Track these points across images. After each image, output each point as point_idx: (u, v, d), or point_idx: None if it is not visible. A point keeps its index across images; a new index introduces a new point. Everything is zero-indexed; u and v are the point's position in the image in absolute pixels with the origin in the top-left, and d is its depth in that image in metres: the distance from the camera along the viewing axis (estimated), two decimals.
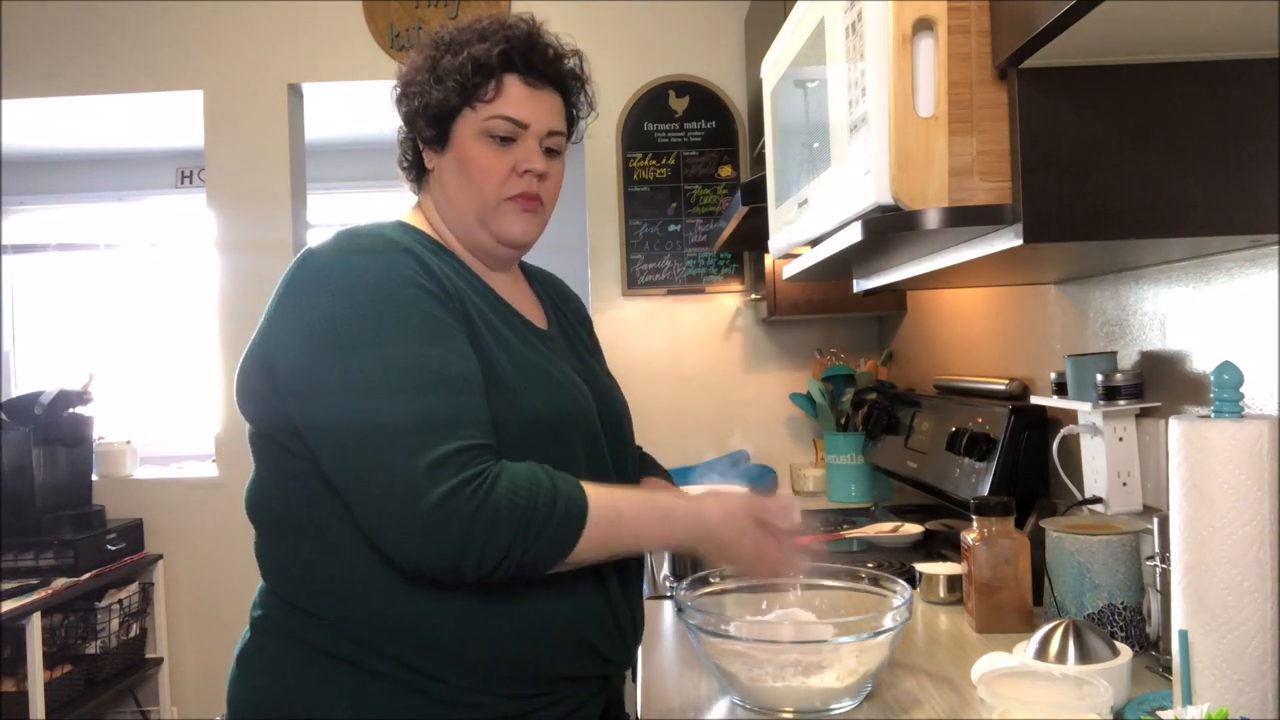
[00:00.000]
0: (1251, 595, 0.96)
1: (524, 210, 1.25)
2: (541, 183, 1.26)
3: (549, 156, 1.27)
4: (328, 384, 1.07)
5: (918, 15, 0.98)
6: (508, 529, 1.03)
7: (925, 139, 0.99)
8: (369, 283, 1.10)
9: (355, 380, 1.06)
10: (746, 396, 3.29)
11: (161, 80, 3.42)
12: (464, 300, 1.17)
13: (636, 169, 3.35)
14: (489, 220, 1.25)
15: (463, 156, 1.24)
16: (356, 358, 1.06)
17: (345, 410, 1.06)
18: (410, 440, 1.03)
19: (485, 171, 1.23)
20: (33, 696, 2.80)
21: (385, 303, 1.09)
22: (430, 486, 1.01)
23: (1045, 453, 1.78)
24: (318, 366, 1.08)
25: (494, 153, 1.23)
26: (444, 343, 1.10)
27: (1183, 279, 1.39)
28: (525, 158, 1.23)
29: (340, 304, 1.08)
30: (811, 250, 1.41)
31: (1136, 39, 0.91)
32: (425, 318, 1.10)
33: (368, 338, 1.07)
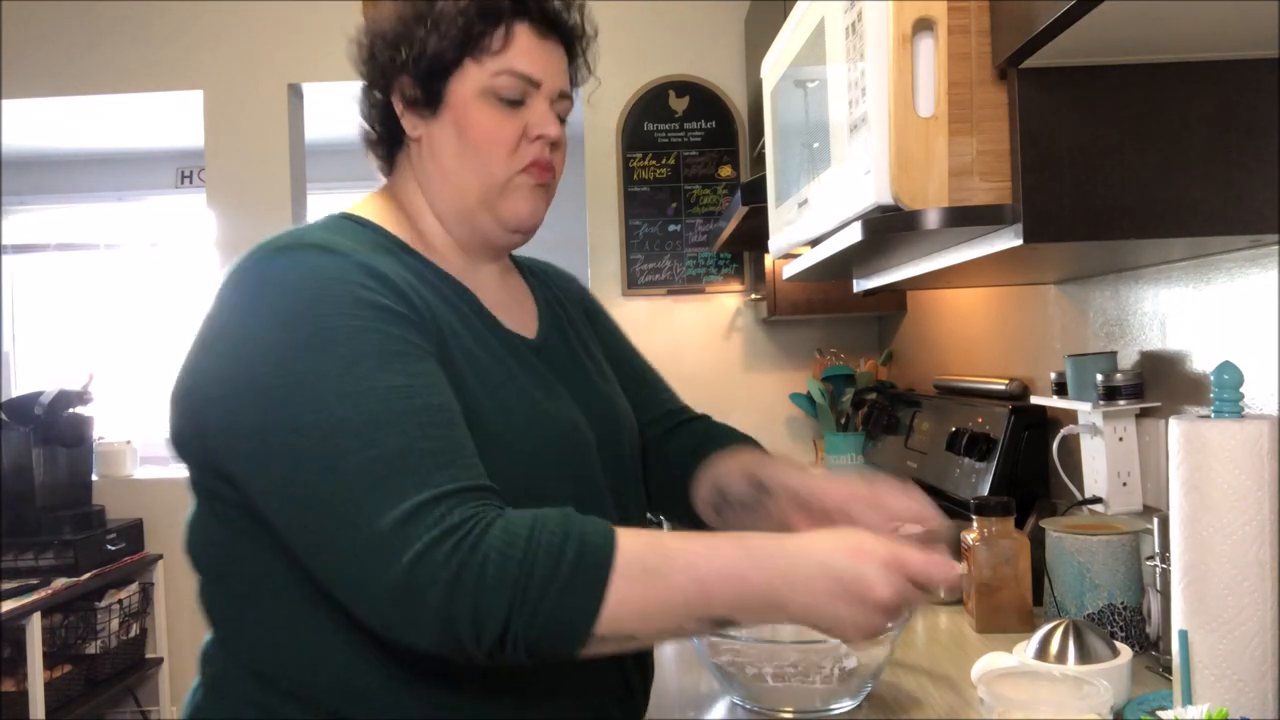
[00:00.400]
0: (1251, 595, 0.96)
1: (537, 184, 1.05)
2: (554, 152, 1.07)
3: None
4: (265, 427, 0.85)
5: (918, 15, 0.98)
6: (500, 591, 0.78)
7: (925, 139, 0.99)
8: (312, 302, 0.87)
9: (299, 420, 0.83)
10: (746, 396, 3.29)
11: (161, 80, 3.42)
12: (437, 319, 0.95)
13: (636, 169, 3.35)
14: (495, 200, 1.04)
15: (463, 121, 1.02)
16: (301, 392, 0.84)
17: (289, 458, 0.83)
18: (370, 491, 0.81)
19: (493, 139, 1.02)
20: (33, 696, 2.80)
21: (334, 324, 0.86)
22: (400, 547, 0.79)
23: (1045, 453, 1.78)
24: (253, 405, 0.85)
25: (501, 116, 1.03)
26: (411, 368, 0.87)
27: (1183, 279, 1.39)
28: (538, 121, 1.04)
29: (278, 329, 0.86)
30: (811, 250, 1.41)
31: (1136, 39, 0.91)
32: (386, 339, 0.87)
33: (313, 366, 0.84)
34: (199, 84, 3.40)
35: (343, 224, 1.01)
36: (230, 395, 0.87)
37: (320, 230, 0.97)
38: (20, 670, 2.86)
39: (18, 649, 2.85)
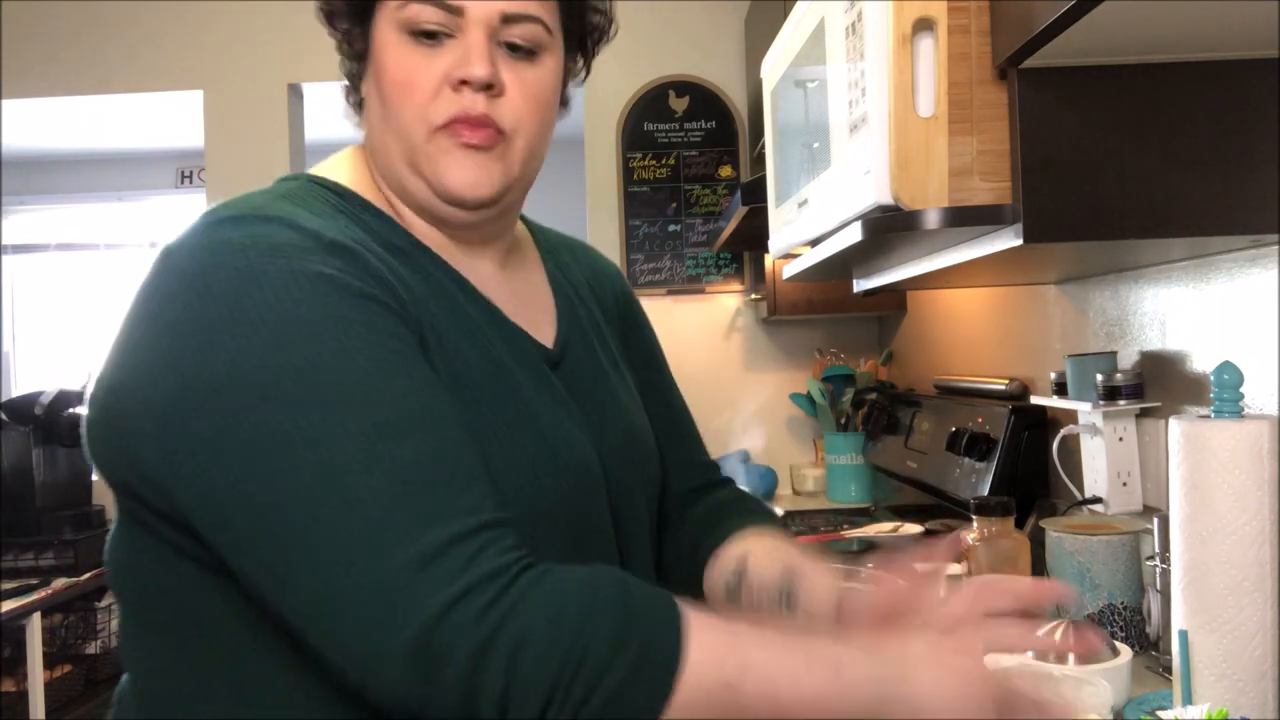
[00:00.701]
0: (1251, 595, 0.96)
1: (463, 146, 0.80)
2: (496, 100, 0.80)
3: (514, 56, 0.82)
4: (221, 440, 0.65)
5: (918, 15, 0.98)
6: (540, 676, 0.61)
7: (925, 139, 0.99)
8: (276, 287, 0.67)
9: (274, 431, 0.64)
10: (746, 396, 3.29)
11: (161, 80, 3.42)
12: (420, 313, 0.76)
13: (636, 169, 3.35)
14: (420, 162, 0.81)
15: (378, 66, 0.82)
16: (273, 396, 0.65)
17: (259, 482, 0.64)
18: (378, 522, 0.63)
19: (403, 86, 0.80)
20: (33, 696, 2.80)
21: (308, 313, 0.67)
22: (420, 597, 0.61)
23: (1045, 453, 1.78)
24: (203, 412, 0.66)
25: (417, 56, 0.80)
26: (410, 369, 0.70)
27: (1183, 279, 1.39)
28: (460, 60, 0.79)
29: (229, 317, 0.67)
30: (811, 250, 1.41)
31: (1136, 39, 0.91)
32: (373, 333, 0.69)
33: (286, 363, 0.66)
34: (199, 84, 3.40)
35: (308, 190, 0.81)
36: (171, 399, 0.66)
37: (279, 199, 0.77)
38: (20, 670, 2.86)
39: (18, 649, 2.85)
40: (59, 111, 3.87)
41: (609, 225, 3.35)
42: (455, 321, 0.80)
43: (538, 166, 0.88)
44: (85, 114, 4.01)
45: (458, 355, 0.78)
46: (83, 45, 3.41)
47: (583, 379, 0.90)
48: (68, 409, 3.26)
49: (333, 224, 0.75)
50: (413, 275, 0.79)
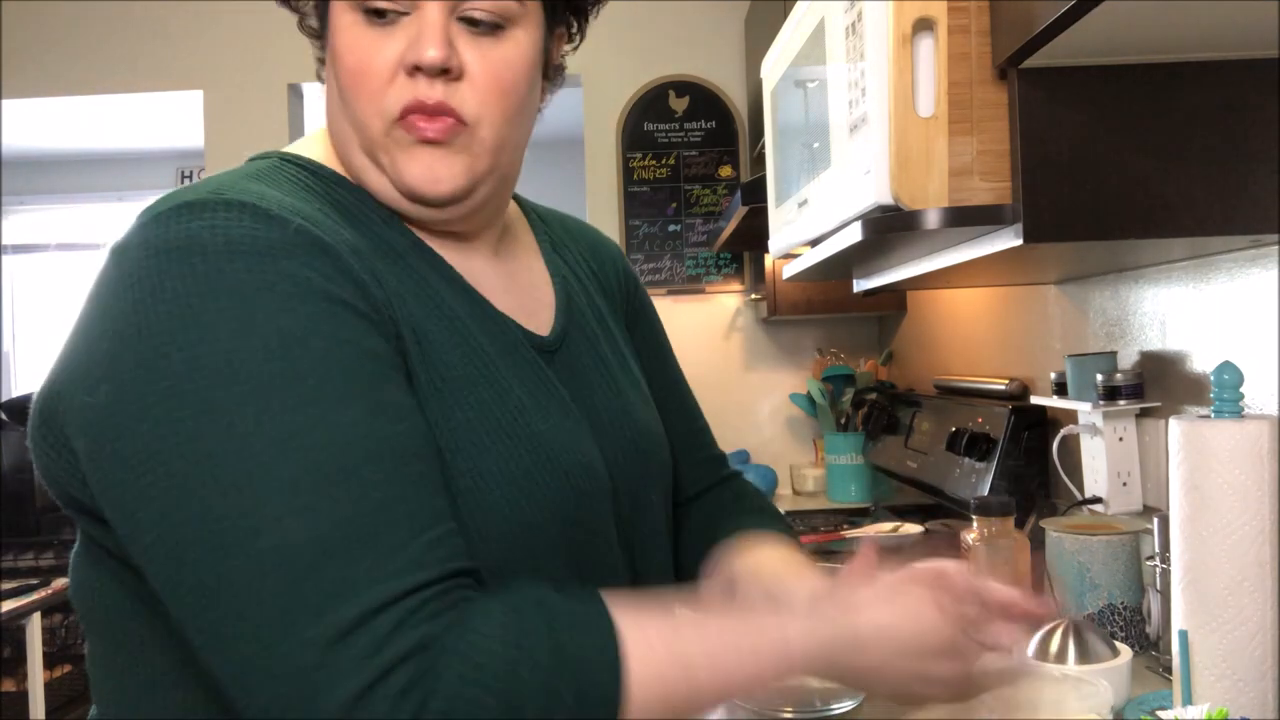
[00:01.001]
0: (1251, 595, 0.96)
1: (418, 141, 0.72)
2: (455, 85, 0.72)
3: (477, 32, 0.72)
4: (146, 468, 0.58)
5: (918, 15, 0.98)
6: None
7: (925, 139, 0.99)
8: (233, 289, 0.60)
9: (200, 466, 0.57)
10: (746, 396, 3.29)
11: (161, 80, 3.43)
12: (397, 311, 0.69)
13: (636, 169, 3.35)
14: (380, 157, 0.74)
15: (334, 53, 0.74)
16: (204, 426, 0.58)
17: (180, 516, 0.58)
18: (292, 588, 0.56)
19: (357, 72, 0.72)
20: (33, 696, 2.80)
21: (262, 324, 0.60)
22: (335, 681, 0.55)
23: (1045, 453, 1.78)
24: (133, 433, 0.59)
25: (371, 38, 0.71)
26: (369, 393, 0.62)
27: (1183, 279, 1.39)
28: (413, 42, 0.70)
29: (179, 324, 0.59)
30: (811, 250, 1.41)
31: (1136, 39, 0.91)
32: (335, 349, 0.61)
33: (225, 384, 0.58)
34: (199, 84, 3.40)
35: (279, 169, 0.74)
36: (105, 412, 0.60)
37: (247, 179, 0.69)
38: (20, 670, 2.86)
39: (18, 649, 2.85)
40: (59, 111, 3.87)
41: (609, 225, 3.35)
42: (436, 318, 0.72)
43: (515, 156, 0.79)
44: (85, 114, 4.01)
45: (439, 357, 0.70)
46: (83, 45, 3.41)
47: (583, 369, 0.83)
48: None
49: (303, 207, 0.67)
50: (391, 266, 0.71)
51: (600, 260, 0.96)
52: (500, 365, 0.74)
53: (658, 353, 1.00)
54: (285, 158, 0.76)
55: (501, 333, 0.77)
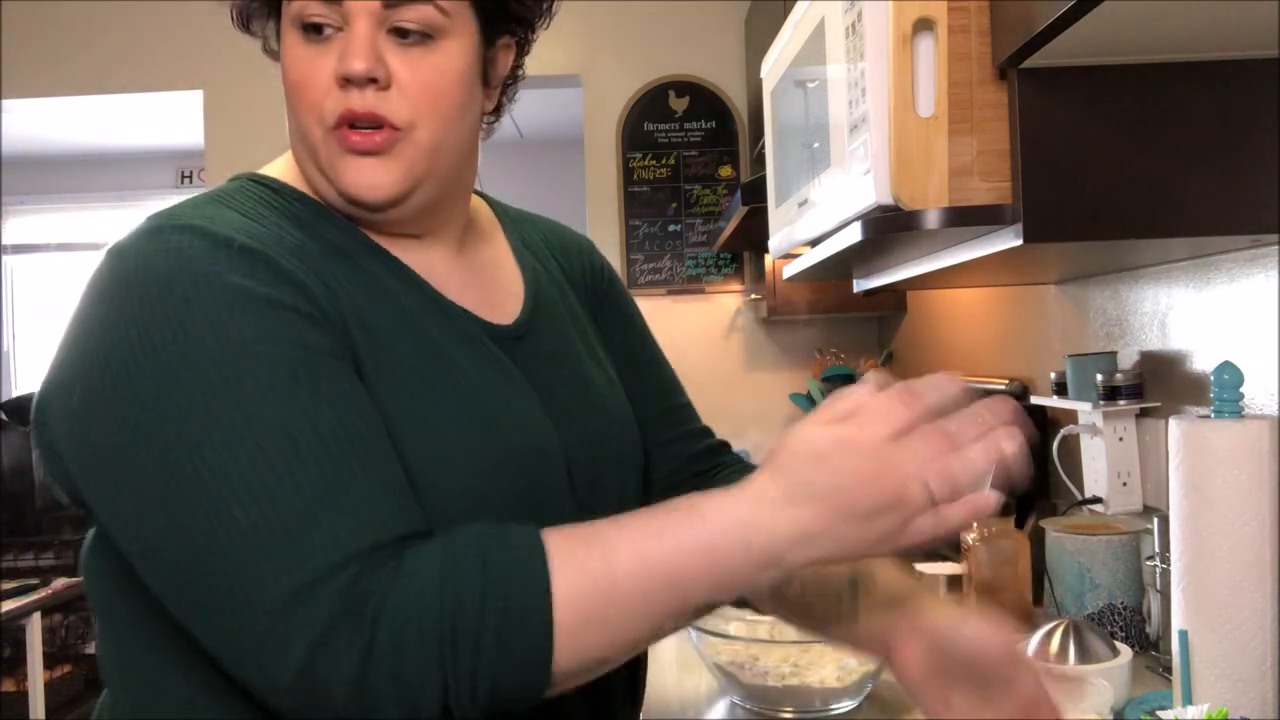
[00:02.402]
0: (1251, 595, 0.96)
1: (347, 150, 0.76)
2: (385, 94, 0.75)
3: (407, 43, 0.76)
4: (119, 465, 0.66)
5: (918, 15, 0.98)
6: (425, 668, 0.62)
7: (925, 139, 0.99)
8: (181, 302, 0.67)
9: (165, 460, 0.64)
10: (746, 396, 3.29)
11: (161, 80, 3.43)
12: (345, 309, 0.74)
13: (636, 169, 3.35)
14: (322, 165, 0.79)
15: (282, 69, 0.81)
16: (164, 425, 0.64)
17: (152, 507, 0.65)
18: (254, 559, 0.62)
19: (297, 85, 0.78)
20: (33, 696, 2.80)
21: (205, 331, 0.66)
22: (290, 638, 0.61)
23: (1045, 453, 1.78)
24: (103, 433, 0.66)
25: (309, 53, 0.77)
26: (311, 382, 0.67)
27: (1183, 279, 1.39)
28: (342, 55, 0.75)
29: (135, 335, 0.66)
30: (811, 250, 1.41)
31: (1136, 39, 0.91)
32: (276, 347, 0.67)
33: (180, 387, 0.65)
34: (199, 84, 3.40)
35: (244, 189, 0.81)
36: (80, 410, 0.67)
37: (206, 203, 0.76)
38: (20, 670, 2.87)
39: (18, 649, 2.85)
40: (59, 111, 3.87)
41: (609, 225, 3.35)
42: (386, 311, 0.76)
43: (456, 159, 0.82)
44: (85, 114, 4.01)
45: (388, 346, 0.74)
46: (83, 45, 3.41)
47: (547, 356, 0.86)
48: None
49: (253, 225, 0.74)
50: (342, 268, 0.76)
51: (569, 255, 0.99)
52: (452, 354, 0.78)
53: (629, 334, 1.00)
54: (252, 178, 0.83)
55: (454, 324, 0.80)
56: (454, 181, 0.84)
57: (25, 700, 2.81)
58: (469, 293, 0.84)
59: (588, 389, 0.88)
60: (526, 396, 0.81)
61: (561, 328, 0.90)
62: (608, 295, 1.00)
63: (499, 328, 0.84)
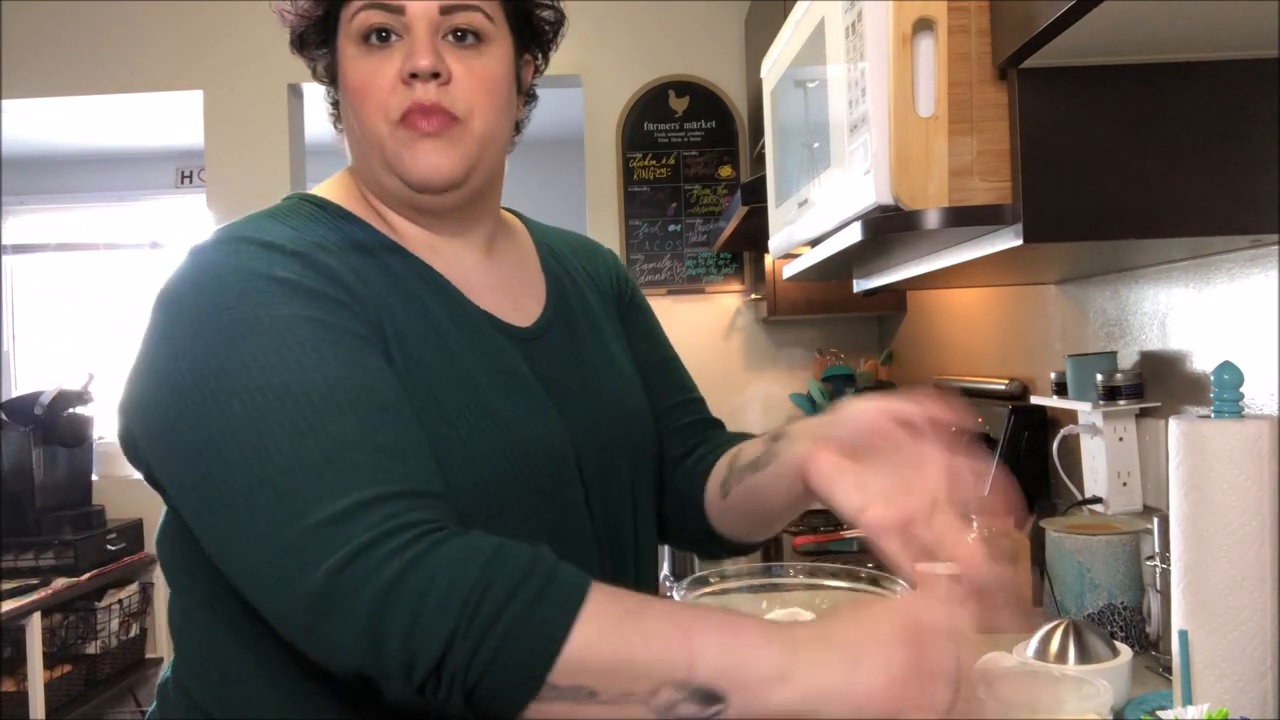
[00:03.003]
0: (1251, 595, 0.96)
1: (421, 135, 0.85)
2: (446, 88, 0.86)
3: (459, 45, 0.87)
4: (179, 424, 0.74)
5: (918, 15, 0.98)
6: (446, 610, 0.64)
7: (925, 139, 0.99)
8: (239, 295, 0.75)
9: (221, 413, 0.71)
10: (746, 396, 3.29)
11: (161, 80, 3.43)
12: (380, 311, 0.82)
13: (636, 169, 3.35)
14: (389, 159, 0.87)
15: (344, 80, 0.89)
16: (222, 386, 0.72)
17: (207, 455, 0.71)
18: (303, 483, 0.68)
19: (364, 91, 0.87)
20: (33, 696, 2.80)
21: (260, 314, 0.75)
22: (326, 548, 0.66)
23: (1045, 453, 1.78)
24: (168, 403, 0.75)
25: (373, 59, 0.86)
26: (355, 358, 0.76)
27: (1183, 279, 1.39)
28: (407, 56, 0.85)
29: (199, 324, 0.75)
30: (811, 250, 1.41)
31: (1136, 39, 0.91)
32: (323, 327, 0.76)
33: (236, 358, 0.73)
34: (199, 84, 3.40)
35: (296, 207, 0.89)
36: (149, 395, 0.76)
37: (263, 219, 0.85)
38: (20, 670, 2.86)
39: (18, 649, 2.85)
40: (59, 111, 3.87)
41: (609, 225, 3.35)
42: (415, 317, 0.85)
43: (499, 151, 0.93)
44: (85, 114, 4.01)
45: (411, 346, 0.82)
46: (83, 45, 3.41)
47: (564, 358, 0.94)
48: (68, 409, 3.27)
49: (302, 234, 0.83)
50: (377, 274, 0.85)
51: (595, 265, 1.08)
52: (468, 354, 0.86)
53: (648, 339, 1.10)
54: (302, 197, 0.92)
55: (473, 325, 0.89)
56: (493, 177, 0.95)
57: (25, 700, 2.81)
58: (493, 295, 0.93)
59: (601, 385, 0.96)
60: (536, 394, 0.88)
61: (579, 329, 0.98)
62: (632, 302, 1.10)
63: (518, 329, 0.93)
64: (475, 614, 0.64)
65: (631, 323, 1.09)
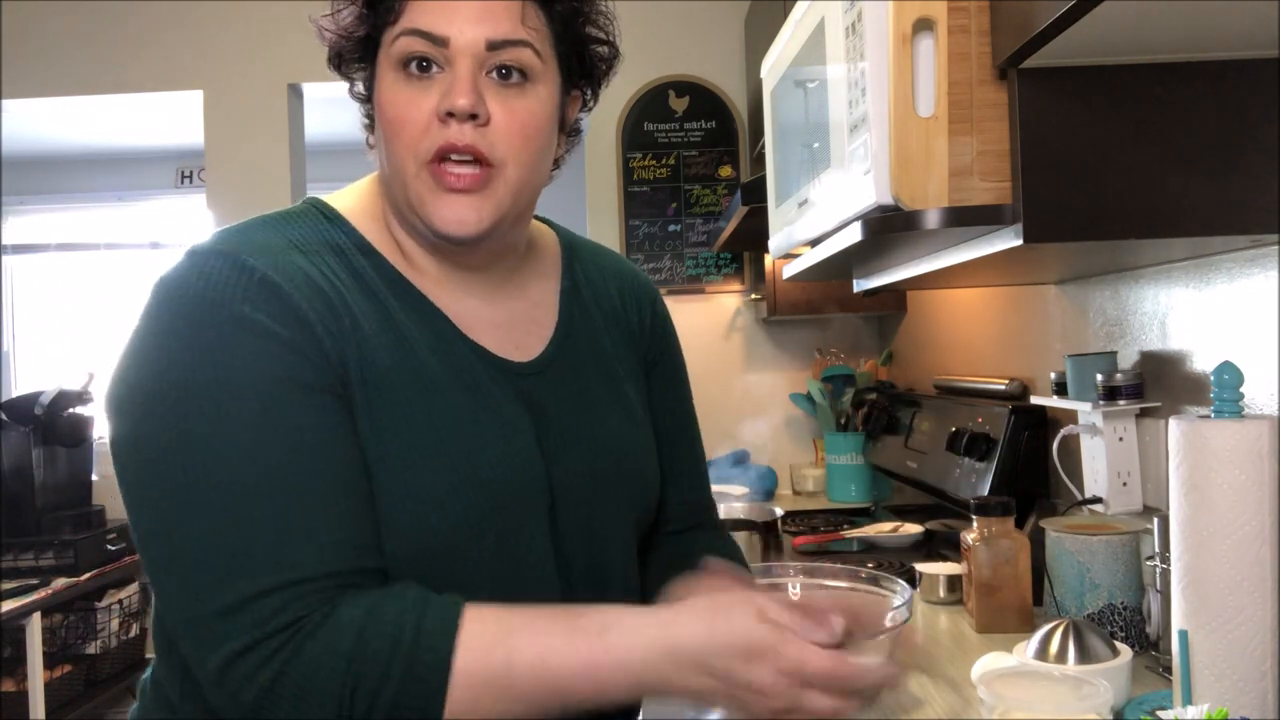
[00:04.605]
0: (1251, 595, 0.96)
1: (448, 189, 0.81)
2: (483, 130, 0.81)
3: (503, 84, 0.82)
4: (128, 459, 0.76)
5: (918, 15, 0.98)
6: (323, 707, 0.70)
7: (925, 139, 0.99)
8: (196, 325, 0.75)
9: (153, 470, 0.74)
10: (746, 396, 3.29)
11: (161, 80, 3.43)
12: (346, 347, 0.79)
13: (636, 169, 3.35)
14: (415, 202, 0.83)
15: (379, 106, 0.84)
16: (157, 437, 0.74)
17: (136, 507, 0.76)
18: (212, 566, 0.71)
19: (397, 122, 0.82)
20: (33, 696, 2.80)
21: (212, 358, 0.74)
22: (220, 640, 0.71)
23: (1045, 453, 1.78)
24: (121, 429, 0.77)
25: (411, 91, 0.81)
26: (293, 416, 0.75)
27: (1183, 279, 1.39)
28: (446, 92, 0.80)
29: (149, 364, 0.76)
30: (811, 250, 1.41)
31: (1136, 39, 0.91)
32: (265, 379, 0.74)
33: (182, 406, 0.74)
34: (199, 84, 3.40)
35: (305, 214, 0.87)
36: (113, 410, 0.77)
37: (261, 225, 0.84)
38: (20, 670, 2.86)
39: (18, 649, 2.85)
40: (59, 111, 3.87)
41: (609, 225, 3.35)
42: (391, 345, 0.82)
43: (531, 197, 0.88)
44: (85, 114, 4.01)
45: (384, 380, 0.80)
46: (83, 45, 3.41)
47: (564, 395, 0.91)
48: (68, 409, 3.27)
49: (288, 254, 0.81)
50: (363, 299, 0.83)
51: (626, 297, 1.03)
52: (447, 390, 0.83)
53: (673, 393, 1.06)
54: (316, 204, 0.89)
55: (459, 361, 0.86)
56: (524, 220, 0.91)
57: (25, 700, 2.81)
58: (494, 330, 0.90)
59: (598, 431, 0.92)
60: (518, 434, 0.86)
61: (584, 367, 0.94)
62: (664, 353, 1.05)
63: (514, 364, 0.89)
64: (353, 708, 0.70)
65: (658, 374, 1.04)
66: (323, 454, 0.75)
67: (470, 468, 0.81)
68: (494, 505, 0.82)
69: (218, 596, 0.71)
